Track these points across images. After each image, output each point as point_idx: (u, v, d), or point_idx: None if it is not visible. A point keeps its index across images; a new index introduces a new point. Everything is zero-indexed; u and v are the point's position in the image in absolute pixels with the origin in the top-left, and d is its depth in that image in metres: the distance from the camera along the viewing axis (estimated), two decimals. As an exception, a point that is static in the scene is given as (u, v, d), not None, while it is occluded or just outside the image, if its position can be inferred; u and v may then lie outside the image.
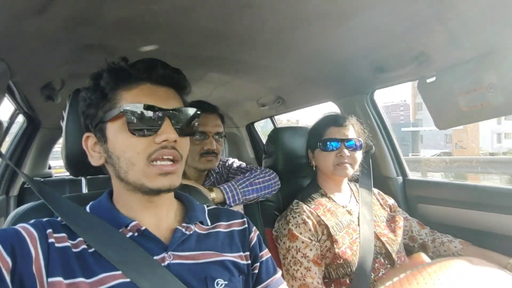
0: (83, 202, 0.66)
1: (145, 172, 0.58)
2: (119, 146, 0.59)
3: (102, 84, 0.61)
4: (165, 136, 0.58)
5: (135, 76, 0.60)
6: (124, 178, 0.60)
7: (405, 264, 1.09)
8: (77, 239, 0.58)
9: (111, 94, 0.60)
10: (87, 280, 0.53)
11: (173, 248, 0.61)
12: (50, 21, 0.84)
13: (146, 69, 0.60)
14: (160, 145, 0.58)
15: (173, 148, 0.59)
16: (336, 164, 1.16)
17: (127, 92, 0.60)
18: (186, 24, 0.95)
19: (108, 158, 0.61)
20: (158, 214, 0.65)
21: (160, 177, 0.58)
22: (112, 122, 0.60)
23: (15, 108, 1.53)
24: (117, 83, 0.60)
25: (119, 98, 0.60)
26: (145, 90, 0.60)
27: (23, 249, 0.51)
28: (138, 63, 0.61)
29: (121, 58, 0.62)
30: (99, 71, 0.62)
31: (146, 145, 0.58)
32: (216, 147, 1.25)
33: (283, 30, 1.00)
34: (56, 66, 1.17)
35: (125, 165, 0.59)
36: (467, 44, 0.98)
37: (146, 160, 0.58)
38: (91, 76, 0.63)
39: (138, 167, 0.58)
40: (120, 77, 0.60)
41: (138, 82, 0.60)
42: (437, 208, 1.36)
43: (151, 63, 0.61)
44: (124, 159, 0.59)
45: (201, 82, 1.59)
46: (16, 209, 0.71)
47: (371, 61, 1.23)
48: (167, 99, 0.61)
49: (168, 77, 0.62)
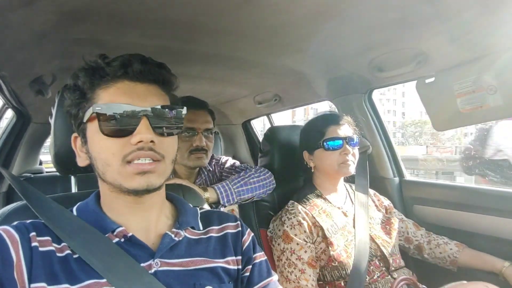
0: (71, 202, 0.64)
1: (121, 172, 0.55)
2: (95, 147, 0.57)
3: (79, 84, 0.58)
4: (139, 137, 0.54)
5: (111, 74, 0.57)
6: (104, 179, 0.57)
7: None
8: (61, 243, 0.55)
9: (90, 93, 0.57)
10: (71, 287, 0.51)
11: (161, 255, 0.59)
12: (38, 14, 0.81)
13: (121, 66, 0.56)
14: (136, 146, 0.54)
15: (150, 149, 0.55)
16: (341, 162, 1.14)
17: (104, 91, 0.57)
18: (182, 19, 0.92)
19: (90, 159, 0.59)
20: (147, 218, 0.62)
21: (136, 177, 0.55)
22: (90, 122, 0.57)
23: (4, 103, 1.48)
24: (93, 82, 0.57)
25: (97, 98, 0.57)
26: (122, 88, 0.57)
27: (3, 253, 0.49)
28: (114, 60, 0.57)
29: (98, 55, 0.59)
30: (76, 70, 0.59)
31: (121, 146, 0.55)
32: (206, 144, 1.22)
33: (280, 27, 0.98)
34: (46, 60, 1.13)
35: (101, 166, 0.56)
36: (467, 44, 0.96)
37: (121, 161, 0.55)
38: (70, 75, 0.60)
39: (113, 168, 0.55)
40: (96, 75, 0.57)
41: (115, 80, 0.57)
42: (434, 210, 1.36)
43: (128, 59, 0.57)
44: (99, 160, 0.56)
45: (197, 79, 1.56)
46: (1, 210, 0.68)
47: (370, 60, 1.21)
48: (146, 96, 0.57)
49: (148, 73, 0.58)
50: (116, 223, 0.59)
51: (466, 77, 1.01)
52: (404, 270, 1.13)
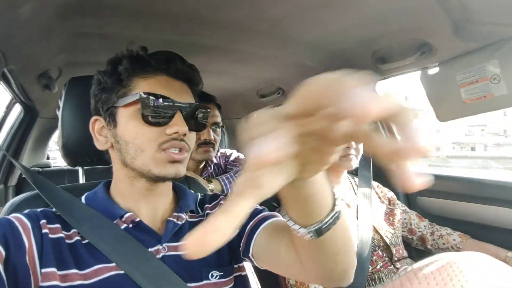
0: (79, 193, 0.66)
1: (155, 157, 0.58)
2: (129, 132, 0.59)
3: (120, 70, 0.60)
4: (176, 129, 0.59)
5: (154, 66, 0.60)
6: (130, 163, 0.60)
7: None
8: (71, 230, 0.57)
9: (126, 80, 0.61)
10: (80, 272, 0.53)
11: (167, 239, 0.61)
12: (45, 8, 0.82)
13: (165, 61, 0.61)
14: (171, 137, 0.59)
15: (182, 140, 0.61)
16: (342, 155, 1.15)
17: (144, 80, 0.60)
18: (183, 11, 0.93)
19: (116, 143, 0.61)
20: (154, 204, 0.65)
21: (168, 165, 0.59)
22: (125, 107, 0.59)
23: (12, 98, 1.51)
24: (135, 70, 0.61)
25: (135, 86, 0.60)
26: (161, 82, 0.61)
27: (16, 239, 0.51)
28: (157, 54, 0.62)
29: (140, 47, 0.63)
30: (118, 56, 0.62)
31: (157, 134, 0.59)
32: (213, 138, 1.23)
33: (282, 19, 0.98)
34: (52, 54, 1.15)
35: (133, 151, 0.59)
36: (471, 34, 0.95)
37: (157, 147, 0.58)
38: (109, 60, 0.63)
39: (147, 153, 0.58)
40: (138, 65, 0.60)
41: (155, 73, 0.61)
42: (437, 201, 1.36)
43: (171, 55, 0.63)
44: (133, 145, 0.59)
45: (200, 72, 1.57)
46: (12, 199, 0.70)
47: (373, 52, 1.21)
48: (181, 93, 0.62)
49: (184, 72, 0.63)
50: (125, 209, 0.61)
51: (470, 67, 1.01)
52: (407, 261, 1.14)
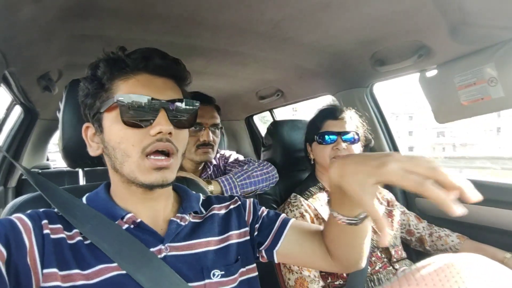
0: (80, 194, 0.66)
1: (139, 165, 0.57)
2: (114, 137, 0.58)
3: (99, 74, 0.60)
4: (159, 128, 0.56)
5: (132, 66, 0.59)
6: (119, 169, 0.59)
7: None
8: (72, 230, 0.57)
9: (108, 84, 0.59)
10: (82, 272, 0.53)
11: (170, 240, 0.61)
12: (45, 11, 0.83)
13: (142, 59, 0.59)
14: (155, 138, 0.57)
15: (168, 140, 0.58)
16: (332, 157, 1.15)
17: (124, 82, 0.59)
18: (183, 14, 0.93)
19: (105, 148, 0.61)
20: (155, 207, 0.65)
21: (153, 172, 0.57)
22: (108, 112, 0.59)
23: (12, 99, 1.51)
24: (113, 73, 0.59)
25: (115, 89, 0.59)
26: (142, 81, 0.59)
27: (17, 239, 0.51)
28: (135, 53, 0.60)
29: (118, 47, 0.61)
30: (97, 61, 0.61)
31: (141, 137, 0.57)
32: (213, 139, 1.24)
33: (282, 21, 0.99)
34: (52, 56, 1.16)
35: (120, 156, 0.58)
36: (469, 37, 0.96)
37: (140, 153, 0.57)
38: (89, 66, 0.62)
39: (132, 159, 0.57)
40: (116, 67, 0.59)
41: (134, 72, 0.59)
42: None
43: (148, 52, 0.60)
44: (119, 150, 0.58)
45: (199, 74, 1.58)
46: (14, 200, 0.70)
47: (372, 54, 1.22)
48: (164, 90, 0.60)
49: (166, 67, 0.61)
50: (126, 210, 0.61)
51: (467, 70, 1.02)
52: (406, 262, 1.15)
